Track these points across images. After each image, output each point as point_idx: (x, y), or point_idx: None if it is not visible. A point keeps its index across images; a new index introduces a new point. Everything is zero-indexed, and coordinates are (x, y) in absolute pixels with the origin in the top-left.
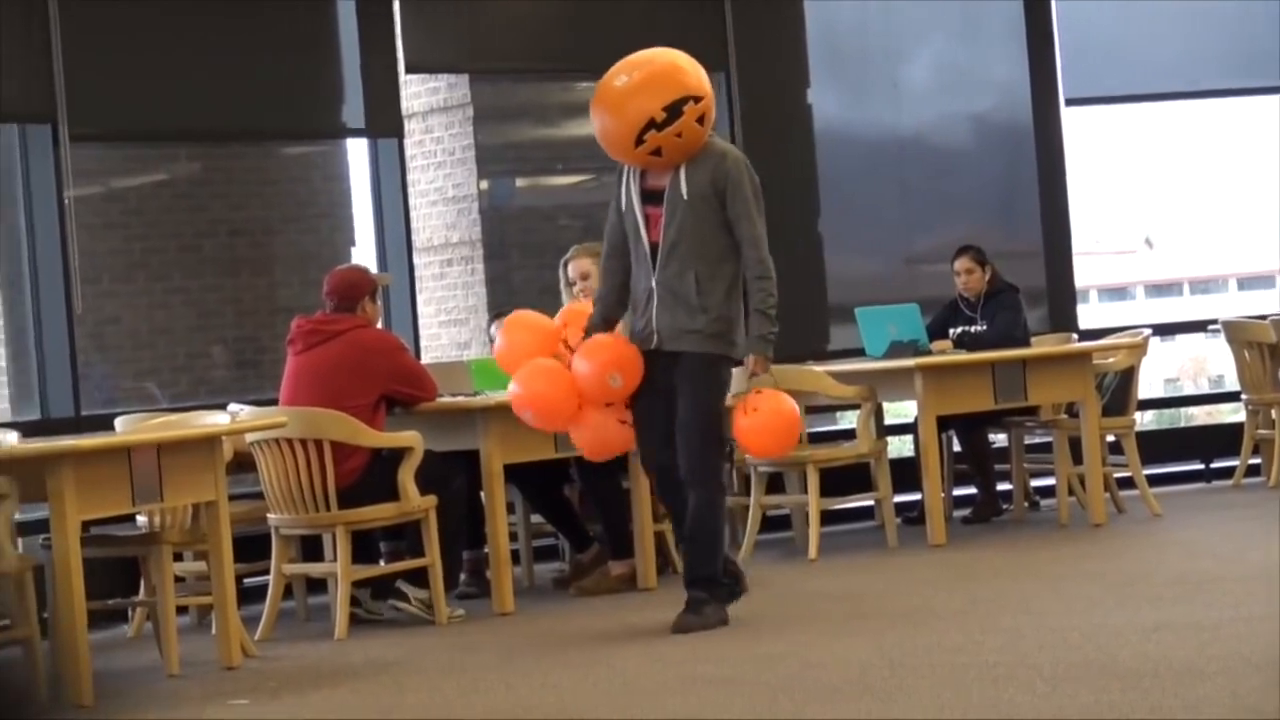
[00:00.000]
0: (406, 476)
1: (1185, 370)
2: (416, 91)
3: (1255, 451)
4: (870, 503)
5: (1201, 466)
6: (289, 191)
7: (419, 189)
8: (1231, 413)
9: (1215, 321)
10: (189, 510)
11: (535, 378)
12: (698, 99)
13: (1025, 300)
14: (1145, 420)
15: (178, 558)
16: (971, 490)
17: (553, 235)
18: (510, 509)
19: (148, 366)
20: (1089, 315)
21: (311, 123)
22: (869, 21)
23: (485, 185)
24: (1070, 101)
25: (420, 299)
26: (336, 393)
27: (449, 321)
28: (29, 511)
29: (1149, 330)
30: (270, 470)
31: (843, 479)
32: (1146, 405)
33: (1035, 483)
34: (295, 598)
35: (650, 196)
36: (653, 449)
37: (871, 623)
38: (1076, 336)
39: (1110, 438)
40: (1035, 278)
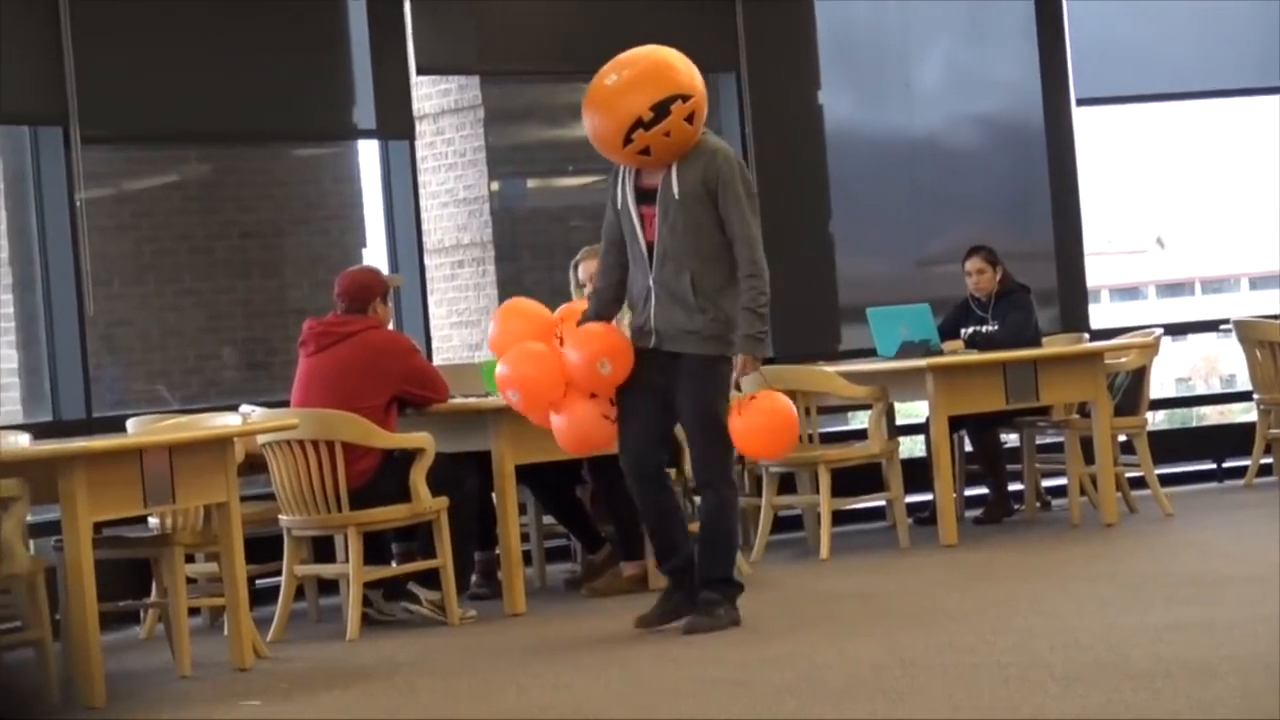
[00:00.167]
0: (418, 477)
1: (1197, 370)
2: (427, 93)
3: (1267, 451)
4: (882, 503)
5: (1214, 466)
6: (300, 193)
7: (430, 190)
8: (1243, 412)
9: (1227, 321)
10: (201, 512)
11: (524, 360)
12: (686, 97)
13: (1037, 300)
14: (1157, 420)
15: (189, 559)
16: (983, 490)
17: (563, 236)
18: (522, 510)
19: (159, 368)
20: (1101, 315)
21: (322, 125)
22: (880, 22)
23: (496, 187)
24: (1081, 101)
25: (431, 300)
26: (348, 394)
27: (460, 323)
28: (41, 513)
29: (1161, 330)
30: (282, 471)
31: (854, 479)
32: (1158, 405)
33: (1047, 483)
34: (307, 599)
35: (644, 195)
36: (635, 446)
37: (883, 623)
38: (1088, 336)
39: (1122, 437)
40: (1047, 278)
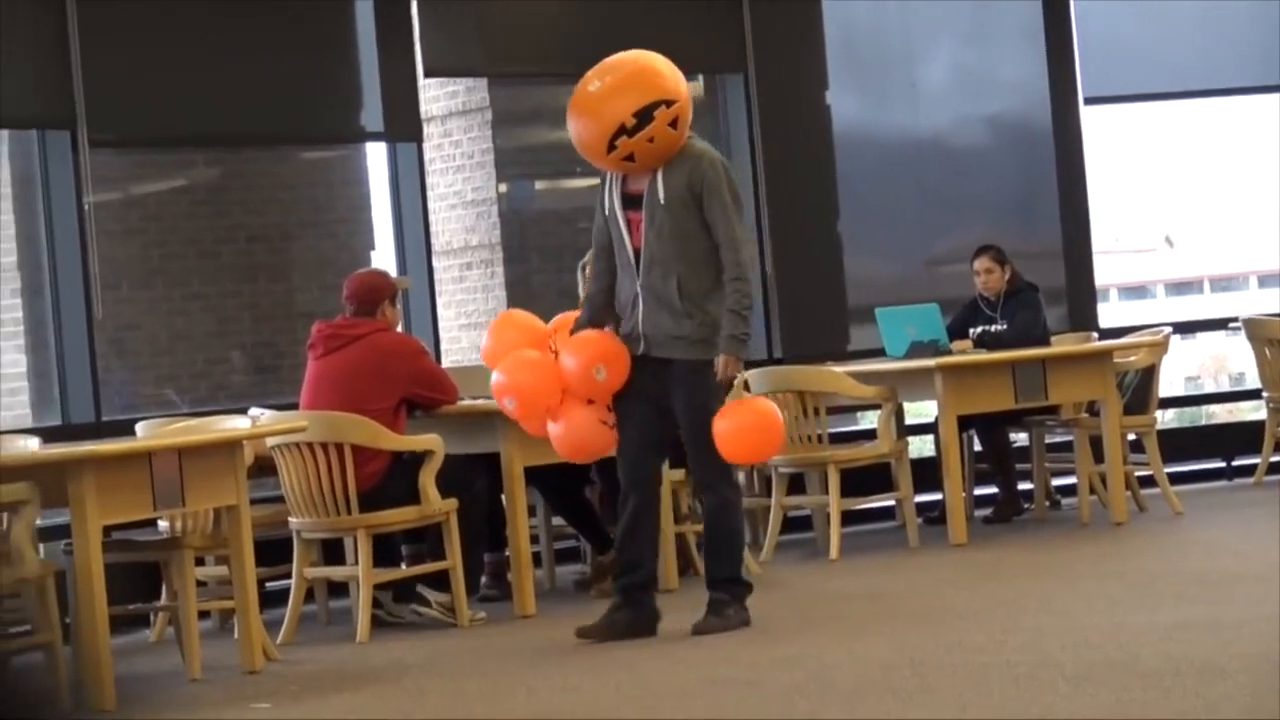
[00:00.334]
0: (427, 479)
1: (1206, 368)
2: (435, 95)
3: (1277, 449)
4: (891, 503)
5: (1223, 464)
6: (307, 196)
7: (438, 193)
8: (1253, 410)
9: (1236, 319)
10: (210, 515)
11: (519, 367)
12: (670, 102)
13: (1045, 299)
14: (1166, 418)
15: (199, 562)
16: (992, 490)
17: (571, 238)
18: (531, 511)
19: (167, 372)
20: (1109, 314)
21: (330, 127)
22: (887, 22)
23: (504, 188)
24: (1089, 100)
25: (440, 302)
26: (357, 397)
27: (469, 325)
28: (50, 517)
29: (1169, 328)
30: (291, 474)
31: (864, 479)
32: (1167, 403)
33: (1056, 482)
34: (317, 601)
35: (631, 201)
36: (629, 451)
37: (893, 623)
38: (1097, 335)
39: (1131, 436)
40: (1055, 277)
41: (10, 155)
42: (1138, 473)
